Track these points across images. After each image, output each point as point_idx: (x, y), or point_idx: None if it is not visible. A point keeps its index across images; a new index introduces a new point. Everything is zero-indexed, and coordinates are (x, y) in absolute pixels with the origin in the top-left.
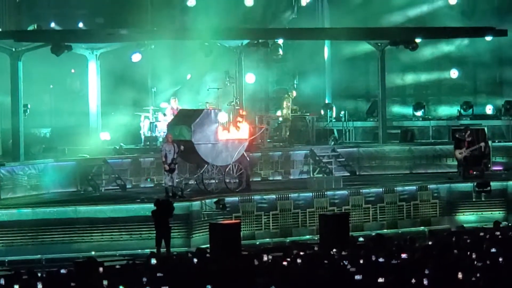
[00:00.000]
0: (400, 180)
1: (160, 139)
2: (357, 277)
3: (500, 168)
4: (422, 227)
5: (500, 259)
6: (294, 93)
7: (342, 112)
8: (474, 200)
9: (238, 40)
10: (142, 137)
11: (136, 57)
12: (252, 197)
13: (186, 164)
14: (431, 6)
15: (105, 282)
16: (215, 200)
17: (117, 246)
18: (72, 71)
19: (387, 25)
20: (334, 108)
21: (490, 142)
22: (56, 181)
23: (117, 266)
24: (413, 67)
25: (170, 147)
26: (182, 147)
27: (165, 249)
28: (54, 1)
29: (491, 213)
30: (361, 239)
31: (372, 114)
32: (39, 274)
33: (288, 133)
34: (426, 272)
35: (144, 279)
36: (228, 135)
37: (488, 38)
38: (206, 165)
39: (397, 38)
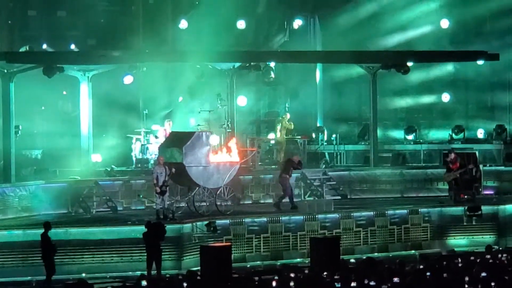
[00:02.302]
0: (391, 204)
1: (152, 162)
2: None
3: (491, 192)
4: (413, 251)
5: (492, 284)
6: (288, 116)
7: (334, 135)
8: (465, 224)
9: (230, 63)
10: (134, 159)
11: (128, 79)
12: (243, 220)
13: (177, 187)
14: (423, 30)
15: None
16: (206, 222)
17: (108, 268)
18: (64, 93)
19: (379, 49)
20: (325, 131)
21: (481, 166)
22: (47, 202)
23: None
24: (404, 90)
25: (162, 170)
26: (173, 170)
27: (156, 271)
28: (46, 23)
29: (482, 237)
30: (352, 260)
31: (364, 137)
32: None
33: (282, 156)
34: None
35: None
36: (220, 157)
37: (480, 62)
38: (197, 188)
39: (389, 62)
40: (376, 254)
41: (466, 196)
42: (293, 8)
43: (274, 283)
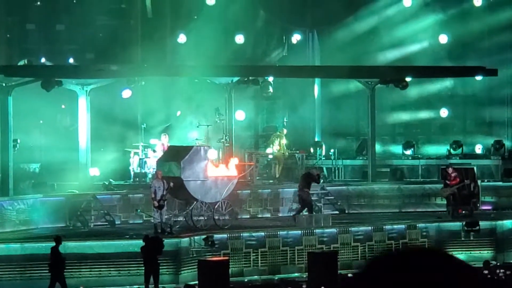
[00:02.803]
0: (389, 219)
1: (150, 176)
2: None
3: (489, 207)
4: None
5: None
6: (285, 131)
7: (332, 150)
8: (463, 239)
9: (228, 77)
10: (132, 173)
11: (126, 93)
12: (241, 234)
13: (175, 201)
14: (422, 45)
15: None
16: (203, 237)
17: (105, 282)
18: (62, 106)
19: (377, 64)
20: (323, 146)
21: (479, 182)
22: (45, 216)
23: None
24: (403, 105)
25: (160, 184)
26: (171, 184)
27: (153, 285)
28: (45, 37)
29: (480, 253)
30: (350, 275)
31: (362, 152)
32: None
33: (279, 172)
34: None
35: None
36: (218, 171)
37: (478, 78)
38: (195, 202)
39: (387, 77)
40: None
41: (464, 212)
42: (292, 23)
43: None
